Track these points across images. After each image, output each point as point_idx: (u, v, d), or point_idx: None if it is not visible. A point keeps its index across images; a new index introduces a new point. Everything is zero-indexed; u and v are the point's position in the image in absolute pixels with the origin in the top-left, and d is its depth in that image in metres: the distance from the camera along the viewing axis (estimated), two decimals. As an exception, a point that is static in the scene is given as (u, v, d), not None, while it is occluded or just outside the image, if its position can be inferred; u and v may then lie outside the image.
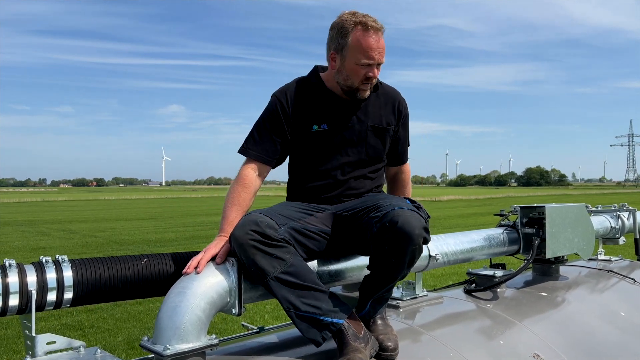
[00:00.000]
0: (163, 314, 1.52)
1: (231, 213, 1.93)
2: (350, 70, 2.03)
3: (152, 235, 20.83)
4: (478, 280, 2.64)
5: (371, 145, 2.17)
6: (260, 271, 1.68)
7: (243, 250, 1.67)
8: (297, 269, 1.73)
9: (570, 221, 2.80)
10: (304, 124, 2.09)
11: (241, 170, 2.06)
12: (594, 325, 2.46)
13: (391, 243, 1.74)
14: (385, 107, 2.21)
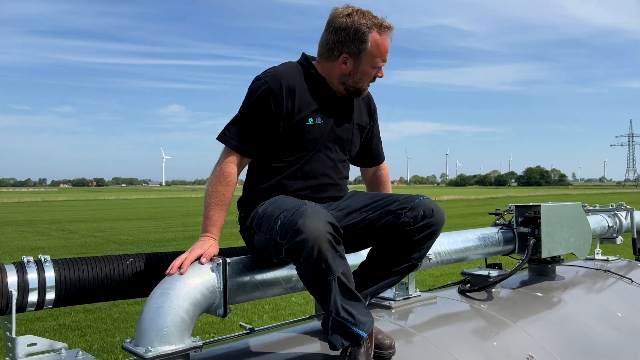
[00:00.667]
0: (145, 316, 1.49)
1: (215, 213, 1.86)
2: (364, 74, 2.00)
3: (151, 235, 20.80)
4: (472, 280, 2.61)
5: (354, 144, 2.14)
6: (327, 268, 1.58)
7: (318, 244, 1.55)
8: (348, 271, 1.68)
9: (566, 220, 2.76)
10: (300, 115, 1.97)
11: (222, 165, 1.91)
12: (590, 326, 2.42)
13: (424, 230, 1.82)
14: (363, 106, 2.19)
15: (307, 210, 1.61)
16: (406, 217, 1.80)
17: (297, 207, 1.64)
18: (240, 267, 1.76)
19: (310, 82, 2.01)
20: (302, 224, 1.56)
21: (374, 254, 1.92)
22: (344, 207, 1.97)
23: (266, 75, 1.96)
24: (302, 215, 1.59)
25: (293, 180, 1.99)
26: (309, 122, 1.98)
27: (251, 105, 1.93)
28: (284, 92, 1.93)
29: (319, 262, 1.57)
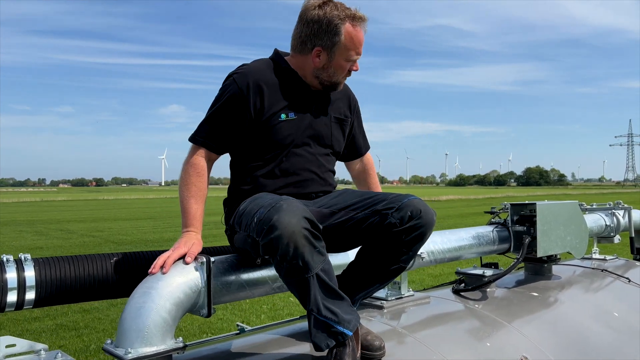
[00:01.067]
0: (126, 316, 1.44)
1: (192, 205, 1.82)
2: (338, 67, 1.96)
3: (150, 235, 20.76)
4: (467, 280, 2.57)
5: (336, 138, 2.09)
6: (304, 265, 1.53)
7: (293, 240, 1.51)
8: (330, 268, 1.62)
9: (562, 219, 2.72)
10: (270, 112, 1.93)
11: (190, 158, 1.89)
12: (586, 326, 2.38)
13: (412, 232, 1.75)
14: (342, 99, 2.15)
15: (283, 206, 1.56)
16: (393, 217, 1.74)
17: (274, 203, 1.59)
18: (226, 265, 1.72)
19: (282, 77, 1.98)
20: (276, 220, 1.52)
21: (362, 255, 1.87)
22: (331, 204, 1.92)
23: (235, 73, 1.95)
24: (277, 211, 1.55)
25: (272, 178, 1.95)
26: (281, 117, 1.94)
27: (219, 106, 1.93)
28: (252, 90, 1.90)
29: (295, 259, 1.52)
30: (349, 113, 2.18)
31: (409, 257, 1.82)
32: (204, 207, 1.87)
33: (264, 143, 1.95)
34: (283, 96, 1.96)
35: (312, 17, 1.93)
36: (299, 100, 1.98)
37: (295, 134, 1.96)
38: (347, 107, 2.17)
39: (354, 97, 2.24)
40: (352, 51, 1.94)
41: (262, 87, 1.92)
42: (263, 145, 1.95)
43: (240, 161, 2.00)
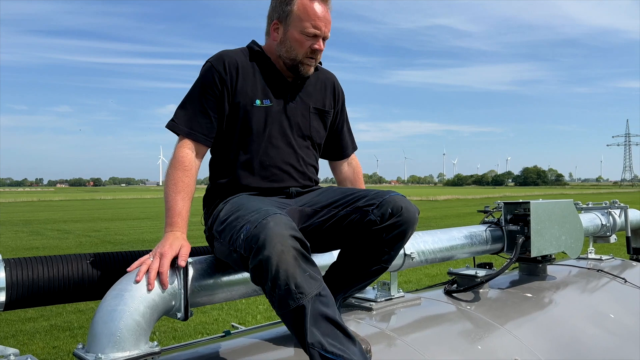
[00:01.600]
0: (98, 319, 1.37)
1: (177, 202, 1.71)
2: (294, 41, 1.88)
3: (147, 235, 20.67)
4: (459, 280, 2.50)
5: (315, 129, 2.01)
6: (297, 289, 1.38)
7: (283, 260, 1.38)
8: (328, 294, 1.46)
9: (557, 218, 2.66)
10: (245, 97, 1.86)
11: (178, 152, 1.79)
12: (581, 328, 2.32)
13: (393, 230, 1.67)
14: (325, 90, 2.07)
15: (270, 224, 1.44)
16: (373, 214, 1.66)
17: (261, 219, 1.47)
18: (204, 266, 1.65)
19: (258, 63, 1.92)
20: (264, 240, 1.40)
21: (343, 255, 1.80)
22: (313, 203, 1.85)
23: (212, 57, 1.90)
24: (264, 228, 1.43)
25: (249, 171, 1.87)
26: (257, 103, 1.87)
27: (197, 87, 1.86)
28: (227, 68, 1.85)
29: (287, 283, 1.38)
30: (332, 104, 2.09)
31: (390, 257, 1.74)
32: (190, 206, 1.78)
33: (238, 131, 1.88)
34: (258, 82, 1.90)
35: None
36: (274, 88, 1.92)
37: (271, 122, 1.89)
38: (331, 97, 2.09)
39: (340, 88, 2.15)
40: (306, 22, 1.85)
41: (239, 70, 1.87)
42: (238, 134, 1.88)
43: (217, 154, 1.93)
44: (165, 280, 1.49)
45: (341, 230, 1.75)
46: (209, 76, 1.85)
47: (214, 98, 1.84)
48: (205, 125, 1.84)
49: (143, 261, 1.53)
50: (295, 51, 1.89)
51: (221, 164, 1.92)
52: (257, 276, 1.43)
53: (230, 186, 1.88)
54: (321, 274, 1.48)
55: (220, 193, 1.88)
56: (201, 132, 1.84)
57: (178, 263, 1.54)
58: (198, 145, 1.84)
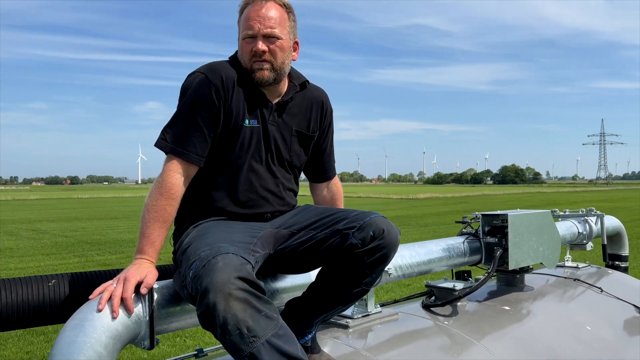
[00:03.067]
0: (56, 352, 1.29)
1: (154, 231, 1.61)
2: (240, 48, 1.81)
3: (125, 235, 20.37)
4: (437, 293, 2.47)
5: (295, 153, 1.92)
6: (248, 333, 1.31)
7: (230, 306, 1.30)
8: (286, 332, 1.40)
9: (534, 229, 2.65)
10: (238, 116, 1.76)
11: (166, 175, 1.67)
12: (557, 342, 2.31)
13: (375, 254, 1.61)
14: (311, 111, 1.96)
15: (218, 264, 1.35)
16: (354, 237, 1.61)
17: (210, 257, 1.39)
18: (171, 291, 1.57)
19: (243, 80, 1.80)
20: (209, 282, 1.32)
21: (322, 276, 1.73)
22: (290, 224, 1.78)
23: (202, 68, 1.77)
24: (211, 270, 1.34)
25: (225, 194, 1.78)
26: (245, 123, 1.77)
27: (191, 101, 1.71)
28: (225, 85, 1.73)
29: (238, 329, 1.29)
30: (318, 125, 1.99)
31: (372, 279, 1.69)
32: (166, 234, 1.67)
33: (221, 152, 1.78)
34: (247, 100, 1.80)
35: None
36: (259, 108, 1.83)
37: (254, 145, 1.80)
38: (317, 118, 1.98)
39: (329, 108, 2.03)
40: (244, 26, 1.78)
41: (234, 83, 1.76)
42: (220, 155, 1.78)
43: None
44: (130, 306, 1.41)
45: (320, 252, 1.69)
46: (205, 90, 1.71)
47: (209, 114, 1.71)
48: (199, 143, 1.71)
49: (105, 287, 1.45)
50: (243, 58, 1.80)
51: (197, 182, 1.80)
52: (206, 322, 1.35)
53: (204, 208, 1.79)
54: (278, 311, 1.41)
55: (192, 213, 1.79)
56: (195, 151, 1.71)
57: (140, 290, 1.46)
58: (189, 166, 1.72)
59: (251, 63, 1.78)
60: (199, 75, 1.74)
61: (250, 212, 1.80)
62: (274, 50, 1.78)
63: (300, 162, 1.97)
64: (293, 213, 1.88)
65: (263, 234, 1.71)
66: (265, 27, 1.75)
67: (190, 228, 1.73)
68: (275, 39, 1.78)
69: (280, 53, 1.79)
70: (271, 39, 1.78)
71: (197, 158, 1.72)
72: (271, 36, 1.77)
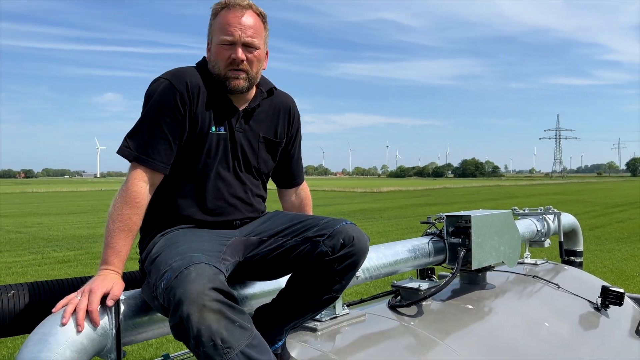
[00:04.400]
0: (18, 368, 1.26)
1: (119, 241, 1.58)
2: (215, 54, 1.77)
3: (83, 231, 19.86)
4: (403, 293, 2.51)
5: (263, 160, 1.91)
6: (223, 344, 1.30)
7: (204, 317, 1.29)
8: (260, 342, 1.40)
9: (496, 229, 2.72)
10: (204, 123, 1.74)
11: (130, 184, 1.64)
12: (518, 339, 2.39)
13: (345, 260, 1.63)
14: (278, 117, 1.96)
15: (191, 275, 1.34)
16: (324, 245, 1.62)
17: (183, 267, 1.38)
18: (137, 301, 1.54)
19: (210, 86, 1.79)
20: (182, 294, 1.31)
21: (292, 283, 1.74)
22: (260, 231, 1.78)
23: (166, 74, 1.73)
24: (184, 281, 1.33)
25: (193, 204, 1.76)
26: (212, 130, 1.76)
27: (155, 108, 1.68)
28: (190, 91, 1.71)
29: (212, 340, 1.28)
30: (285, 131, 1.99)
31: (342, 286, 1.71)
32: (132, 244, 1.64)
33: (188, 159, 1.75)
34: (213, 107, 1.77)
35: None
36: (226, 115, 1.81)
37: (222, 152, 1.78)
38: (284, 124, 1.98)
39: (296, 114, 2.03)
40: (221, 31, 1.75)
41: (200, 92, 1.73)
42: (186, 162, 1.75)
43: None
44: (95, 319, 1.38)
45: (290, 260, 1.70)
46: (169, 96, 1.69)
47: (174, 121, 1.69)
48: (164, 151, 1.68)
49: (69, 300, 1.41)
50: (218, 65, 1.77)
51: (163, 190, 1.77)
52: (179, 333, 1.34)
53: (171, 216, 1.76)
54: (251, 321, 1.41)
55: (159, 221, 1.76)
56: (159, 159, 1.68)
57: (106, 302, 1.43)
58: (154, 174, 1.68)
59: (226, 70, 1.76)
60: (164, 81, 1.71)
61: (219, 220, 1.79)
62: (252, 60, 1.77)
63: (268, 168, 1.97)
64: (262, 220, 1.87)
65: (232, 242, 1.70)
66: (246, 35, 1.74)
67: (157, 236, 1.70)
68: (253, 48, 1.78)
69: (256, 63, 1.79)
70: (250, 48, 1.77)
71: (162, 166, 1.69)
72: (250, 45, 1.77)
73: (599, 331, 2.87)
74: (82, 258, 13.53)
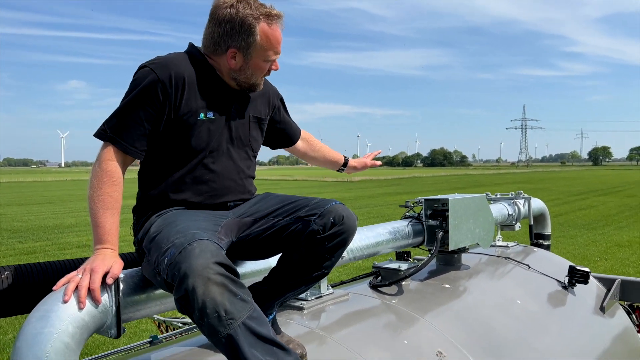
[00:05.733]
0: (21, 344, 1.28)
1: (107, 219, 1.61)
2: (256, 68, 1.84)
3: (49, 221, 19.40)
4: (384, 274, 2.61)
5: (254, 139, 1.99)
6: (227, 315, 1.36)
7: (209, 290, 1.34)
8: (260, 315, 1.45)
9: (472, 212, 2.84)
10: (189, 110, 1.78)
11: (104, 164, 1.66)
12: (492, 316, 2.51)
13: (335, 238, 1.72)
14: (262, 97, 2.04)
15: (195, 250, 1.40)
16: (315, 224, 1.70)
17: (186, 243, 1.43)
18: (136, 280, 1.59)
19: (201, 74, 1.83)
20: (187, 268, 1.36)
21: (285, 260, 1.81)
22: (252, 212, 1.84)
23: (152, 63, 1.76)
24: (188, 256, 1.39)
25: (187, 187, 1.81)
26: (200, 117, 1.79)
27: (136, 96, 1.71)
28: (174, 82, 1.74)
29: (216, 312, 1.35)
30: (267, 110, 2.08)
31: (332, 263, 1.79)
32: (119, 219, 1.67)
33: (179, 145, 1.79)
34: (201, 94, 1.81)
35: (224, 16, 1.78)
36: (218, 99, 1.85)
37: (214, 136, 1.83)
38: (266, 103, 2.07)
39: (274, 91, 2.13)
40: (269, 51, 1.83)
41: (185, 80, 1.76)
42: (178, 148, 1.79)
43: (150, 165, 1.83)
44: (97, 297, 1.42)
45: (282, 238, 1.77)
46: (152, 87, 1.71)
47: (154, 111, 1.73)
48: (137, 136, 1.72)
49: (70, 278, 1.44)
50: (255, 77, 1.87)
51: (156, 176, 1.81)
52: (184, 306, 1.40)
53: (166, 199, 1.80)
54: (251, 295, 1.47)
55: (152, 204, 1.80)
56: (131, 143, 1.71)
57: (106, 281, 1.46)
58: (125, 156, 1.72)
59: (260, 80, 1.91)
60: (147, 70, 1.74)
61: (213, 202, 1.84)
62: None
63: (258, 147, 2.04)
64: (254, 201, 1.92)
65: (226, 222, 1.75)
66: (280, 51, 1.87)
67: (153, 217, 1.73)
68: None
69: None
70: None
71: (134, 150, 1.73)
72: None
73: (567, 308, 3.03)
74: (49, 249, 13.24)
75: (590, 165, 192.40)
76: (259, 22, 1.78)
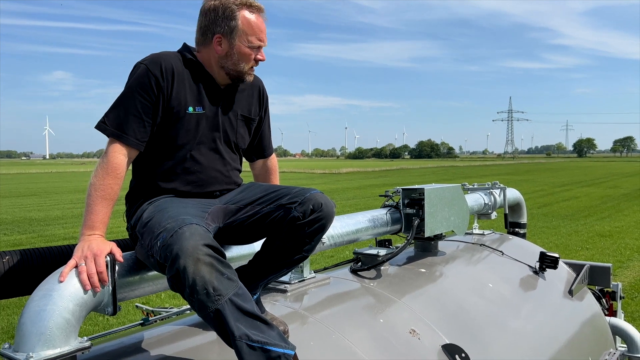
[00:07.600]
0: (25, 320, 1.40)
1: (102, 208, 1.74)
2: (242, 54, 1.97)
3: (34, 214, 19.33)
4: (363, 259, 2.75)
5: (241, 135, 2.12)
6: (215, 292, 1.48)
7: (198, 267, 1.47)
8: (244, 292, 1.57)
9: (447, 201, 2.99)
10: (179, 103, 1.92)
11: (111, 157, 1.81)
12: (465, 298, 2.67)
13: (314, 224, 1.84)
14: (252, 97, 2.18)
15: (185, 233, 1.53)
16: (296, 211, 1.83)
17: (177, 227, 1.57)
18: (130, 262, 1.72)
19: (190, 69, 1.98)
20: (179, 249, 1.50)
21: (267, 246, 1.95)
22: (237, 200, 1.97)
23: (144, 60, 1.92)
24: (179, 238, 1.52)
25: (176, 176, 1.95)
26: (189, 110, 1.94)
27: (131, 88, 1.87)
28: (164, 74, 1.89)
29: (204, 288, 1.48)
30: (258, 110, 2.20)
31: (312, 246, 1.93)
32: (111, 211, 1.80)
33: (169, 137, 1.93)
34: (191, 89, 1.96)
35: (209, 6, 1.97)
36: (207, 95, 1.99)
37: (202, 129, 1.96)
38: (257, 103, 2.19)
39: (266, 94, 2.25)
40: (252, 37, 1.96)
41: (174, 75, 1.91)
42: (168, 140, 1.93)
43: (144, 156, 1.95)
44: (105, 279, 1.55)
45: (265, 225, 1.90)
46: (145, 80, 1.86)
47: (149, 102, 1.87)
48: (138, 129, 1.86)
49: (73, 267, 1.55)
50: (242, 64, 1.99)
51: (148, 166, 1.96)
52: (176, 284, 1.53)
53: (157, 189, 1.93)
54: (237, 274, 1.61)
55: (144, 193, 1.93)
56: (134, 136, 1.85)
57: (117, 259, 1.62)
58: (130, 149, 1.86)
59: (249, 68, 2.01)
60: (141, 66, 1.90)
61: (200, 191, 1.98)
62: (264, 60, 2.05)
63: (245, 144, 2.17)
64: (239, 190, 2.06)
65: (213, 209, 1.89)
66: (266, 40, 1.99)
67: (145, 204, 1.86)
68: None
69: None
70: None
71: (136, 142, 1.87)
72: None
73: (537, 292, 3.21)
74: (35, 241, 13.24)
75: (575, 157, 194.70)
76: (241, 9, 1.95)
